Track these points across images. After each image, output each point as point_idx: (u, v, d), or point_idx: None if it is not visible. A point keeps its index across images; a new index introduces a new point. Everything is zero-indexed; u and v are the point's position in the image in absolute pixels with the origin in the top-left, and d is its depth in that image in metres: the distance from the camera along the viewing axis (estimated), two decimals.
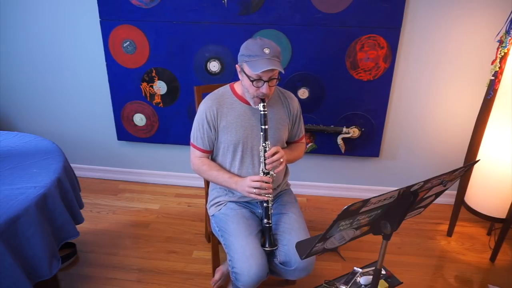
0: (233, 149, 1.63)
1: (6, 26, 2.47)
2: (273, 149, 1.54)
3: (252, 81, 1.48)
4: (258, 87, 1.49)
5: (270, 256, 1.58)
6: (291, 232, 1.57)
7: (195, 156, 1.69)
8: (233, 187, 1.62)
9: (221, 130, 1.62)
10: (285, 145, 1.76)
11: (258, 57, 1.45)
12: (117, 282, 1.95)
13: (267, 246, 1.55)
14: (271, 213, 1.57)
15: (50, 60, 2.53)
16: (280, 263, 1.56)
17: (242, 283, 1.48)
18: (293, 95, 1.74)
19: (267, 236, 1.57)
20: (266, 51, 1.45)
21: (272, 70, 1.45)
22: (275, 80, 1.51)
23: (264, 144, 1.53)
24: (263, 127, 1.52)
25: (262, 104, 1.51)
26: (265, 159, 1.53)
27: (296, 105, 1.72)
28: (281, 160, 1.55)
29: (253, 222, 1.63)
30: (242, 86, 1.57)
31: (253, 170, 1.65)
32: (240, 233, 1.55)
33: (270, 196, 1.55)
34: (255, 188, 1.53)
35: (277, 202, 1.72)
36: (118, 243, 2.22)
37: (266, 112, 1.51)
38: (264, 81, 1.47)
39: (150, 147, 2.72)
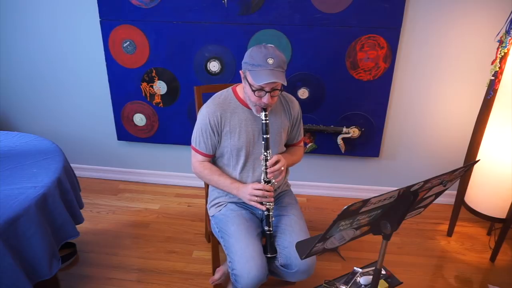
0: (237, 154, 1.62)
1: (6, 26, 2.47)
2: (275, 158, 1.54)
3: (254, 90, 1.46)
4: (260, 97, 1.47)
5: (271, 258, 1.58)
6: (292, 234, 1.57)
7: (196, 160, 1.68)
8: (234, 193, 1.62)
9: (224, 135, 1.61)
10: (284, 148, 1.75)
11: (261, 68, 1.42)
12: (117, 282, 1.95)
13: (268, 253, 1.56)
14: (272, 220, 1.58)
15: (50, 60, 2.53)
16: (281, 266, 1.56)
17: (242, 285, 1.48)
18: (294, 98, 1.73)
19: (268, 243, 1.57)
20: (270, 61, 1.41)
21: (275, 82, 1.43)
22: (278, 91, 1.49)
23: (265, 153, 1.53)
24: (264, 136, 1.52)
25: (264, 113, 1.50)
26: (266, 168, 1.53)
27: (296, 108, 1.72)
28: (282, 169, 1.55)
29: (253, 223, 1.63)
30: (244, 93, 1.56)
31: (253, 175, 1.64)
32: (240, 235, 1.55)
33: (271, 204, 1.55)
34: (256, 196, 1.53)
35: (278, 204, 1.72)
36: (118, 243, 2.22)
37: (267, 121, 1.51)
38: (266, 92, 1.45)
39: (150, 147, 2.72)
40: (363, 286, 1.52)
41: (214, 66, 2.37)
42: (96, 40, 2.41)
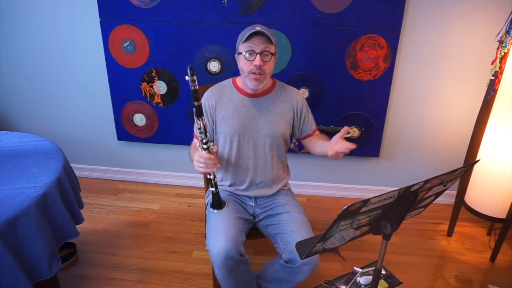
0: (230, 140, 1.64)
1: (6, 26, 2.47)
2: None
3: (244, 54, 1.50)
4: (251, 61, 1.51)
5: (275, 261, 1.59)
6: (294, 229, 1.57)
7: (193, 143, 1.71)
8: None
9: (219, 120, 1.64)
10: (289, 143, 1.75)
11: (249, 32, 1.49)
12: (117, 282, 1.95)
13: (214, 208, 1.52)
14: (214, 181, 1.49)
15: (50, 60, 2.53)
16: (286, 262, 1.55)
17: (213, 260, 1.48)
18: (296, 90, 1.74)
19: (215, 200, 1.52)
20: (257, 27, 1.50)
21: (265, 42, 1.48)
22: (270, 55, 1.52)
23: (198, 122, 1.41)
24: (195, 103, 1.38)
25: (190, 77, 1.33)
26: (202, 139, 1.43)
27: (300, 99, 1.71)
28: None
29: (237, 209, 1.65)
30: (240, 72, 1.59)
31: (250, 162, 1.66)
32: (220, 213, 1.56)
33: (214, 168, 1.45)
34: (200, 163, 1.45)
35: (276, 204, 1.72)
36: (118, 243, 2.22)
37: (197, 88, 1.37)
38: (257, 53, 1.49)
39: (150, 147, 2.72)
40: (363, 286, 1.52)
41: (214, 66, 2.37)
42: (96, 40, 2.41)
